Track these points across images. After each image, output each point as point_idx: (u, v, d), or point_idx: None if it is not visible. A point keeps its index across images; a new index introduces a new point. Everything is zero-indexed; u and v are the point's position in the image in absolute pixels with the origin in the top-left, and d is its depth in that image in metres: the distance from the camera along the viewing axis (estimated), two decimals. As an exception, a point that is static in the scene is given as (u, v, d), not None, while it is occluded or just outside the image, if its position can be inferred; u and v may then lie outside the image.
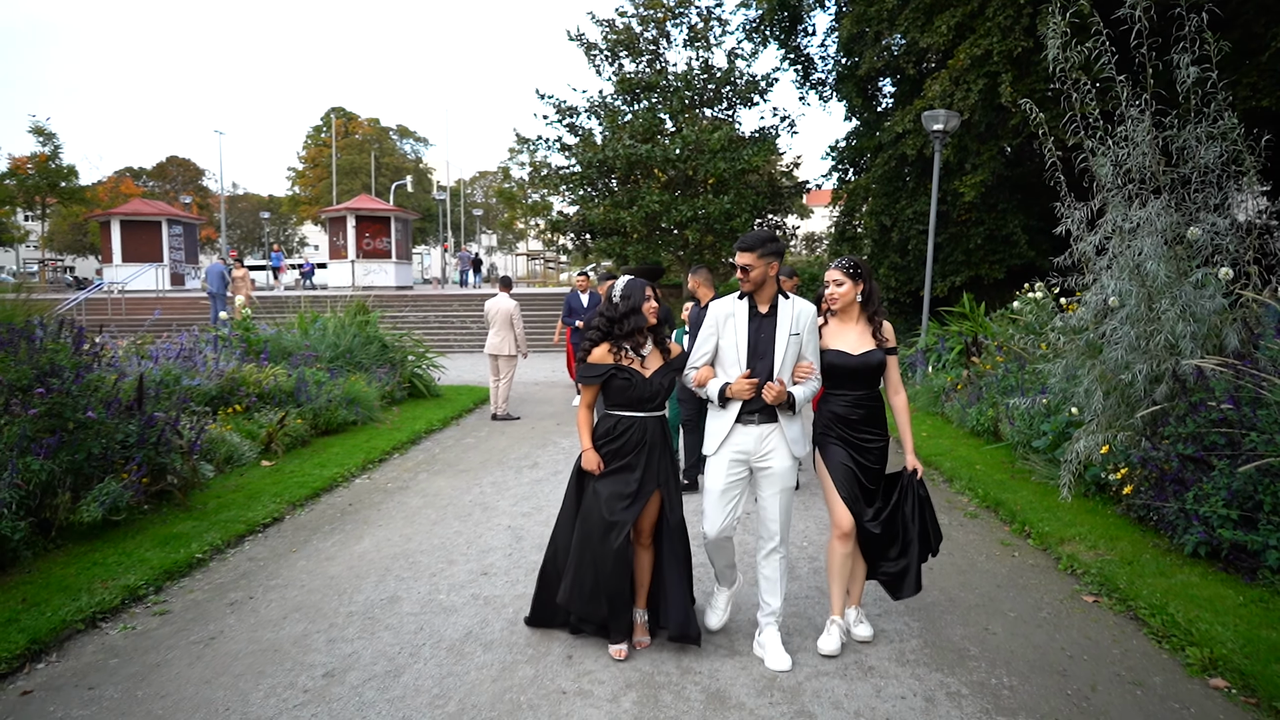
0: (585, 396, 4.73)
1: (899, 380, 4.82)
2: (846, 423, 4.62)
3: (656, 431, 4.62)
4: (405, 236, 35.24)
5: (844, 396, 4.64)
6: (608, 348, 4.59)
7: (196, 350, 10.29)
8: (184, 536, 6.48)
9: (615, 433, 4.58)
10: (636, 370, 4.57)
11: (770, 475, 4.48)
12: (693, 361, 4.64)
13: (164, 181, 73.14)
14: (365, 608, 5.37)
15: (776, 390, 4.33)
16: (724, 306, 4.56)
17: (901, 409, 4.78)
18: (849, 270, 4.65)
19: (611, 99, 24.10)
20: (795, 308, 4.50)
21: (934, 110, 14.21)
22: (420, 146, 79.96)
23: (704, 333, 4.58)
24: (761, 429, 4.46)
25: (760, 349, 4.43)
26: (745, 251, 4.43)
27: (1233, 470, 5.63)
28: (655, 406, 4.62)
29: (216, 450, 8.56)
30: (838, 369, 4.61)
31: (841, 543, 4.60)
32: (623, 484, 4.53)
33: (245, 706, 4.10)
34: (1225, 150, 6.64)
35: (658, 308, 4.63)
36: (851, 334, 4.67)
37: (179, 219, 34.85)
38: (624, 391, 4.55)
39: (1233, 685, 4.23)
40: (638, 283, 4.63)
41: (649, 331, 4.68)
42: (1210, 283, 6.77)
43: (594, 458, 4.57)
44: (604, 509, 4.47)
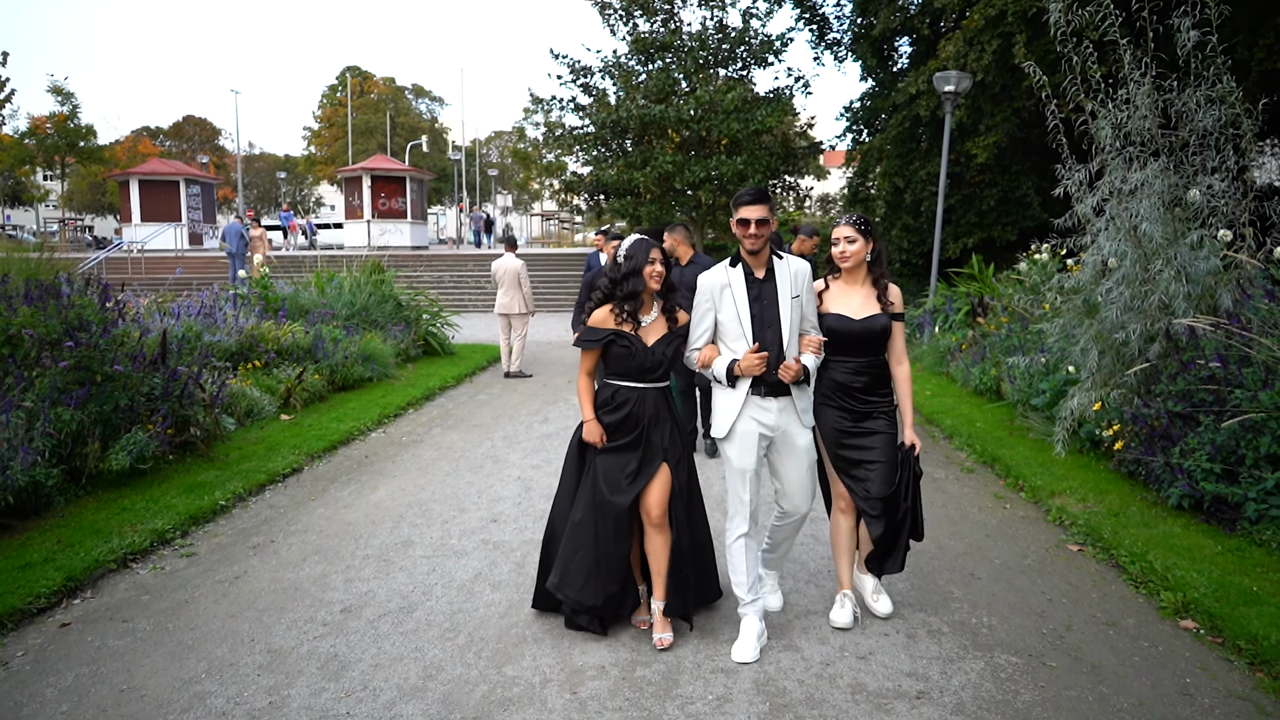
0: (585, 363, 4.40)
1: (903, 349, 4.49)
2: (847, 391, 4.37)
3: (660, 404, 4.33)
4: (421, 197, 35.42)
5: (845, 364, 4.37)
6: (609, 310, 4.27)
7: (216, 308, 10.56)
8: (207, 485, 6.78)
9: (614, 403, 4.29)
10: (637, 338, 4.23)
11: (794, 449, 4.22)
12: (692, 342, 4.30)
13: (181, 141, 73.34)
14: (381, 551, 5.64)
15: (795, 370, 4.04)
16: (716, 277, 4.23)
17: (903, 380, 4.47)
18: (860, 226, 4.36)
19: (626, 59, 24.03)
20: (791, 267, 4.22)
21: (946, 71, 14.21)
22: (436, 106, 79.78)
23: (698, 309, 4.26)
24: (779, 402, 4.18)
25: (765, 318, 4.13)
26: (757, 204, 4.08)
27: (1217, 426, 5.82)
28: (658, 378, 4.31)
29: (237, 404, 8.84)
30: (838, 334, 4.33)
31: (844, 515, 4.48)
32: (623, 460, 4.26)
33: (269, 638, 4.39)
34: (1224, 114, 6.74)
35: (663, 272, 4.26)
36: (855, 297, 4.40)
37: (196, 179, 35.13)
38: (623, 360, 4.23)
39: (1201, 626, 4.45)
40: (643, 243, 4.29)
41: (657, 297, 4.37)
42: (1206, 244, 6.90)
43: (596, 428, 4.29)
44: (603, 487, 4.23)
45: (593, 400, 4.37)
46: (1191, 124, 6.72)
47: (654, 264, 4.23)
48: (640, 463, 4.25)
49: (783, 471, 4.29)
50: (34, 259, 11.43)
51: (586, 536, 4.27)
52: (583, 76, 24.10)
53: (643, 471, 4.24)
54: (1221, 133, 6.71)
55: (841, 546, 4.55)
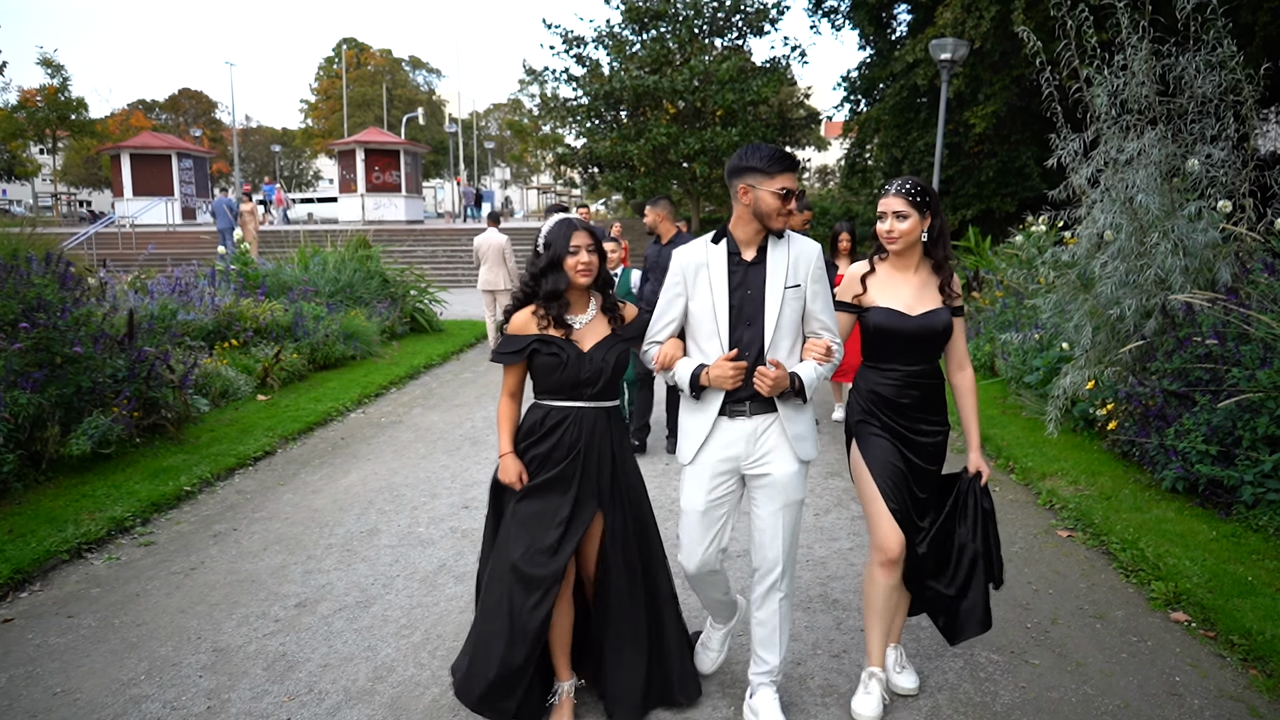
0: (505, 381, 3.44)
1: (965, 351, 3.58)
2: (895, 408, 3.42)
3: (602, 429, 3.35)
4: (415, 170, 35.04)
5: (893, 372, 3.42)
6: (532, 312, 3.35)
7: (192, 285, 10.32)
8: (174, 469, 6.58)
9: (541, 429, 3.32)
10: (569, 343, 3.30)
11: (769, 486, 3.25)
12: (653, 333, 3.38)
13: (176, 114, 72.69)
14: (344, 540, 5.45)
15: (773, 377, 3.07)
16: (692, 254, 3.29)
17: (968, 390, 3.56)
18: (914, 197, 3.34)
19: (619, 28, 23.66)
20: (793, 250, 3.24)
21: (942, 39, 13.88)
22: (433, 78, 79.02)
23: (667, 293, 3.33)
24: (755, 422, 3.23)
25: (746, 312, 3.20)
26: (796, 169, 3.19)
27: (1213, 406, 5.60)
28: (599, 393, 3.34)
29: (211, 384, 8.64)
30: (889, 335, 3.38)
31: (886, 571, 3.41)
32: (549, 505, 3.26)
33: (216, 635, 4.19)
34: (1225, 79, 6.46)
35: (592, 263, 3.31)
36: (908, 287, 3.43)
37: (189, 152, 34.71)
38: (553, 371, 3.29)
39: (1193, 619, 4.25)
40: (563, 226, 3.35)
41: (593, 292, 3.45)
42: (1205, 216, 6.65)
43: (513, 464, 3.31)
44: (521, 546, 3.22)
45: (515, 429, 3.42)
46: (1190, 90, 6.45)
47: (577, 254, 3.28)
48: (573, 507, 3.26)
49: (754, 514, 3.33)
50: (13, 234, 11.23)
51: (497, 618, 3.24)
52: (576, 47, 23.74)
53: (576, 519, 3.27)
54: (1222, 99, 6.44)
55: (876, 610, 3.47)
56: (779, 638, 3.36)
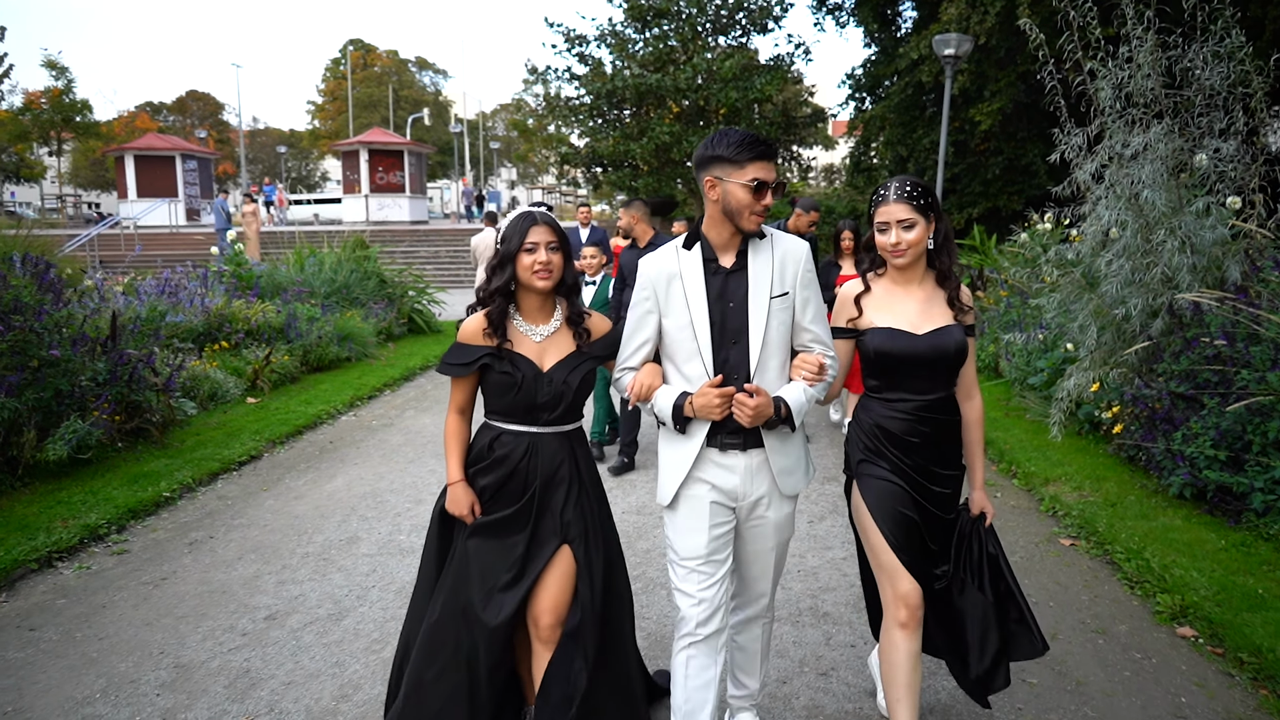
0: (454, 395, 3.01)
1: (974, 377, 3.11)
2: (905, 446, 2.94)
3: (563, 458, 2.93)
4: (419, 170, 34.94)
5: (901, 403, 2.95)
6: (483, 319, 2.91)
7: (183, 286, 10.18)
8: (154, 475, 6.43)
9: (491, 455, 2.91)
10: (526, 361, 2.86)
11: (761, 526, 2.89)
12: (624, 358, 2.90)
13: (184, 116, 72.79)
14: (322, 548, 5.29)
15: (754, 405, 2.64)
16: (661, 263, 2.83)
17: (974, 422, 3.08)
18: (919, 200, 2.87)
19: (622, 26, 23.47)
20: (778, 251, 2.81)
21: (946, 34, 13.67)
22: (439, 79, 78.97)
23: (635, 310, 2.86)
24: (750, 458, 2.81)
25: (730, 327, 2.77)
26: (772, 159, 2.71)
27: (1222, 409, 5.39)
28: (560, 417, 2.92)
29: (200, 387, 8.49)
30: (894, 359, 2.92)
31: (908, 634, 2.86)
32: (503, 544, 2.87)
33: (180, 649, 4.03)
34: (1233, 71, 6.26)
35: (550, 263, 2.83)
36: (911, 302, 2.97)
37: (193, 153, 34.70)
38: (505, 392, 2.85)
39: (1200, 634, 4.06)
40: (523, 219, 2.89)
41: (558, 298, 2.98)
42: (1213, 212, 6.44)
43: (464, 495, 2.91)
44: (473, 587, 2.84)
45: (465, 452, 3.00)
46: (1198, 83, 6.24)
47: (534, 251, 2.81)
48: (529, 546, 2.87)
49: (744, 552, 2.96)
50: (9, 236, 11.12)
51: (446, 652, 2.86)
52: (578, 45, 23.56)
53: (532, 560, 2.87)
54: (1230, 92, 6.23)
55: (900, 680, 2.88)
56: (760, 662, 3.16)
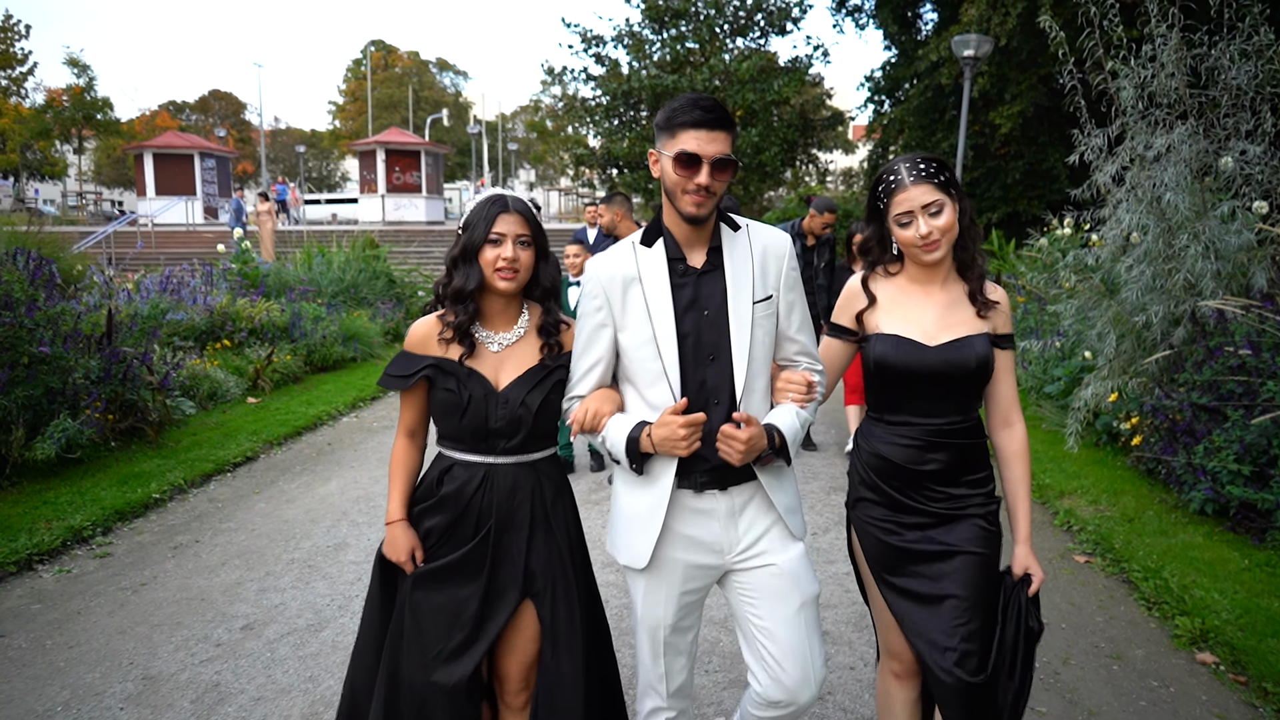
0: (403, 415, 2.53)
1: (1015, 398, 2.49)
2: (912, 479, 2.42)
3: (526, 493, 2.42)
4: (436, 171, 34.91)
5: (909, 427, 2.42)
6: (437, 322, 2.43)
7: (185, 284, 10.08)
8: (145, 475, 6.30)
9: (439, 491, 2.42)
10: (475, 376, 2.37)
11: (775, 579, 2.32)
12: (573, 386, 2.39)
13: (206, 115, 73.22)
14: (308, 555, 5.13)
15: (746, 439, 2.14)
16: (614, 265, 2.33)
17: (1016, 456, 2.47)
18: (938, 177, 2.35)
19: (639, 27, 23.32)
20: (756, 245, 2.34)
21: (965, 35, 13.42)
22: (460, 80, 79.14)
23: (585, 323, 2.35)
24: (731, 498, 2.31)
25: (705, 341, 2.28)
26: (716, 128, 2.17)
27: (1246, 422, 5.16)
28: (520, 445, 2.40)
29: (199, 386, 8.38)
30: (897, 373, 2.40)
31: (904, 685, 2.57)
32: (451, 601, 2.39)
33: (150, 660, 3.88)
34: (1261, 70, 6.02)
35: (518, 259, 2.35)
36: (930, 305, 2.44)
37: (211, 152, 34.80)
38: (450, 412, 2.37)
39: (1221, 661, 3.84)
40: (488, 204, 2.41)
41: (526, 301, 2.50)
42: (1239, 216, 6.21)
43: (404, 538, 2.43)
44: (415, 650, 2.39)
45: (410, 485, 2.51)
46: (1224, 81, 6.01)
47: (500, 244, 2.35)
48: (483, 601, 2.39)
49: (758, 624, 2.33)
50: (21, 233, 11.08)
51: None
52: (595, 46, 23.42)
53: (488, 619, 2.39)
54: (1258, 91, 6.00)
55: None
56: None
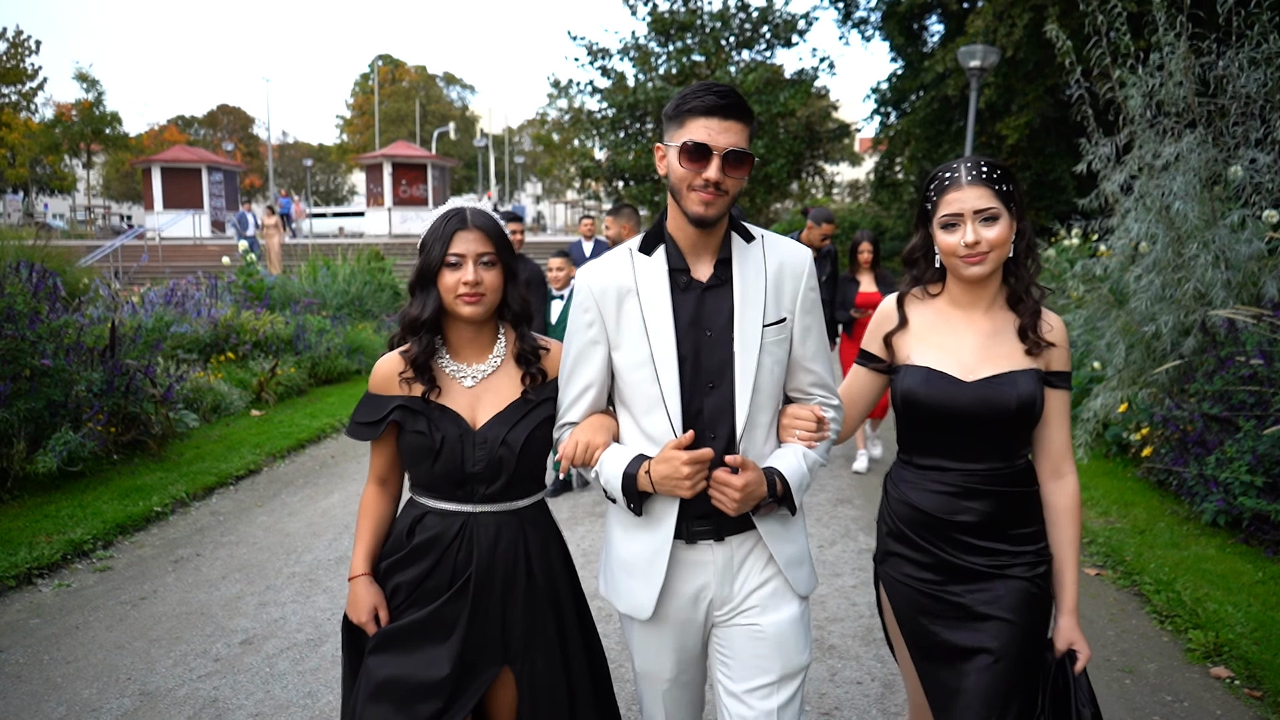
0: (373, 462, 2.27)
1: (1067, 445, 2.21)
2: (946, 533, 2.14)
3: (509, 545, 2.14)
4: (443, 184, 35.04)
5: (941, 472, 2.16)
6: (398, 359, 2.17)
7: (189, 296, 10.07)
8: (147, 489, 6.27)
9: (410, 543, 2.15)
10: (448, 415, 2.12)
11: (755, 643, 2.05)
12: (563, 412, 2.14)
13: (214, 129, 73.60)
14: (309, 568, 5.09)
15: (741, 487, 1.89)
16: (608, 274, 2.06)
17: (1065, 513, 2.18)
18: (1000, 185, 2.08)
19: (645, 39, 23.38)
20: (772, 260, 2.06)
21: (971, 46, 13.41)
22: (467, 94, 79.41)
23: (575, 340, 2.09)
24: (731, 548, 2.05)
25: (706, 366, 2.02)
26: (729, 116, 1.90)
27: (1259, 433, 5.09)
28: (502, 491, 2.13)
29: (202, 399, 8.34)
30: (924, 411, 2.15)
31: None
32: (417, 666, 2.09)
33: (148, 676, 3.83)
34: (1270, 78, 5.98)
35: (481, 282, 2.08)
36: (970, 335, 2.17)
37: (219, 166, 34.98)
38: (420, 457, 2.11)
39: (1236, 675, 3.77)
40: (445, 220, 2.13)
41: (501, 325, 2.23)
42: (1249, 225, 6.15)
43: (366, 597, 2.16)
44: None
45: (378, 537, 2.25)
46: (1233, 89, 5.97)
47: (459, 267, 2.07)
48: (456, 668, 2.09)
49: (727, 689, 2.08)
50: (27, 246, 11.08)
51: None
52: (600, 59, 23.48)
53: (461, 689, 2.10)
54: (1268, 99, 5.96)
55: None
56: None
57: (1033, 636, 2.11)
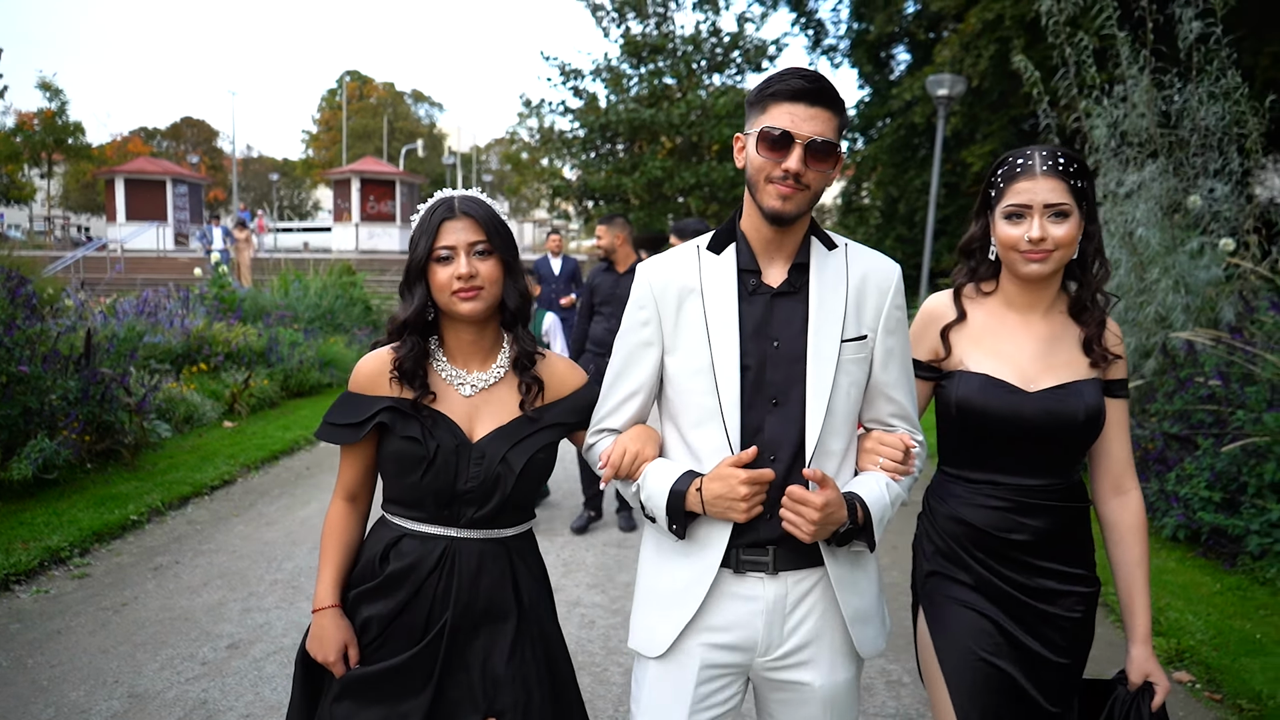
0: (342, 473, 2.05)
1: (1129, 458, 2.09)
2: (998, 548, 2.01)
3: (495, 577, 1.94)
4: (411, 200, 34.96)
5: (995, 487, 2.02)
6: (388, 357, 1.94)
7: (162, 307, 10.03)
8: (122, 497, 6.25)
9: (384, 571, 1.93)
10: (444, 420, 1.92)
11: (800, 704, 1.86)
12: (600, 417, 1.97)
13: (178, 142, 72.93)
14: (291, 575, 5.11)
15: (820, 506, 1.68)
16: (671, 271, 1.88)
17: (1132, 532, 2.06)
18: (1075, 180, 1.93)
19: (617, 61, 23.60)
20: (855, 270, 1.88)
21: (939, 75, 13.73)
22: (435, 111, 79.44)
23: (626, 340, 1.92)
24: (786, 585, 1.82)
25: (771, 380, 1.82)
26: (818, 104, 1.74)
27: (1217, 450, 5.30)
28: (492, 516, 1.93)
29: (175, 409, 8.32)
30: (984, 422, 2.00)
31: None
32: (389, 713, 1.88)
33: (135, 679, 3.85)
34: (1227, 111, 6.24)
35: (476, 274, 1.87)
36: (1029, 340, 2.03)
37: (184, 178, 34.71)
38: (408, 469, 1.89)
39: (1197, 679, 3.93)
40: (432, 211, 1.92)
41: (505, 332, 2.02)
42: (1207, 252, 6.40)
43: (334, 633, 1.92)
44: None
45: (346, 562, 2.02)
46: (1193, 122, 6.23)
47: (451, 259, 1.88)
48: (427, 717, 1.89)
49: None
50: None
51: None
52: (573, 79, 23.66)
53: None
54: (1225, 132, 6.22)
55: None
56: None
57: (1080, 671, 2.03)
